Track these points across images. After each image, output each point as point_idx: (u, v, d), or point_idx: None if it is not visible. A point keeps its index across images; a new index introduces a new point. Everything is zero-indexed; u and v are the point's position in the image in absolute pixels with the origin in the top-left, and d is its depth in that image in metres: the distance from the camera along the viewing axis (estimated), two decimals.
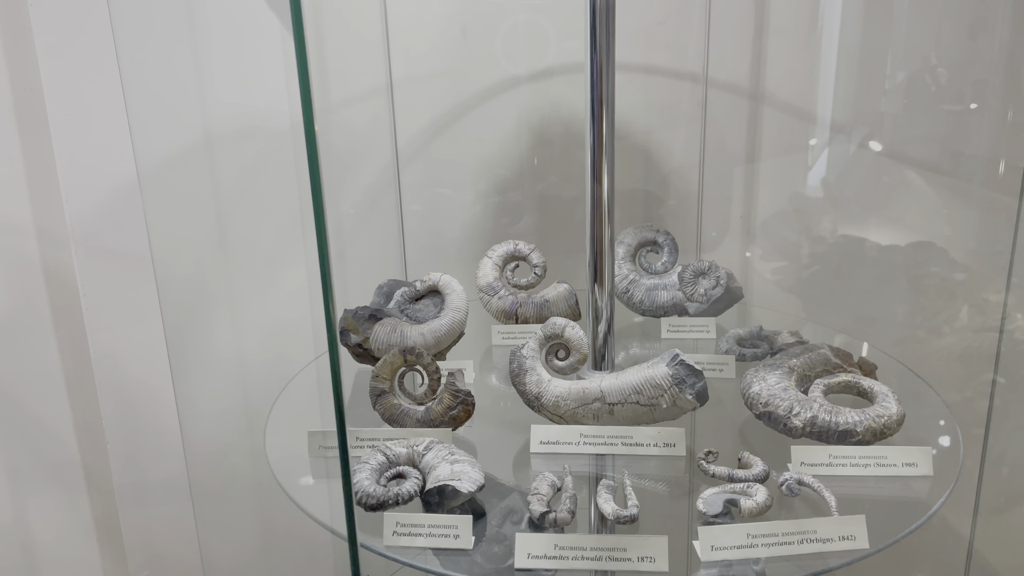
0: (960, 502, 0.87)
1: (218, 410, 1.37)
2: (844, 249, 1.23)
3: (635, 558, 0.62)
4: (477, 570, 0.63)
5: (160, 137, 1.23)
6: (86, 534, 1.45)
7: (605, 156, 0.84)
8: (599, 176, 0.83)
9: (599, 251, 0.89)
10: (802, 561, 0.63)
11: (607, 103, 0.83)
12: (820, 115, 1.28)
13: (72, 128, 1.21)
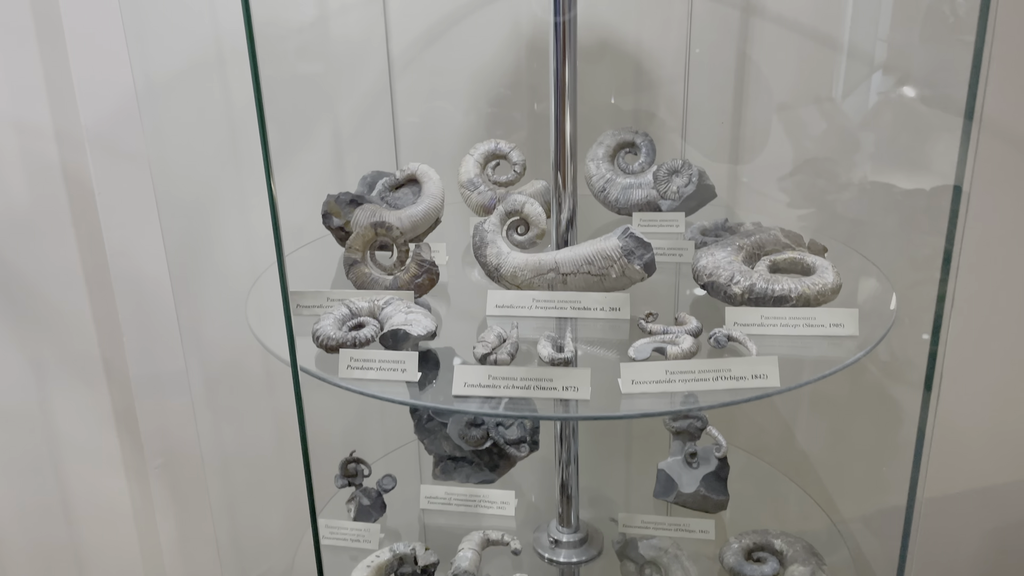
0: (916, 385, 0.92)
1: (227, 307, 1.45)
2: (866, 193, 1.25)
3: (560, 387, 0.69)
4: (416, 395, 0.70)
5: (175, 42, 1.30)
6: (106, 423, 1.57)
7: (568, 39, 0.89)
8: (562, 55, 0.88)
9: (561, 137, 0.94)
10: (717, 396, 0.69)
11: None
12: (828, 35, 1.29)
13: (86, 35, 1.29)
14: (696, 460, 1.16)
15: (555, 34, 0.88)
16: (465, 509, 1.15)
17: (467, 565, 1.02)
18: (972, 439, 1.57)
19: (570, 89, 0.92)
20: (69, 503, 1.61)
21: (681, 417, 1.17)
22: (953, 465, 1.60)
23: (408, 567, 1.05)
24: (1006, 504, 1.62)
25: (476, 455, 1.24)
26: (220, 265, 1.41)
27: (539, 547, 1.13)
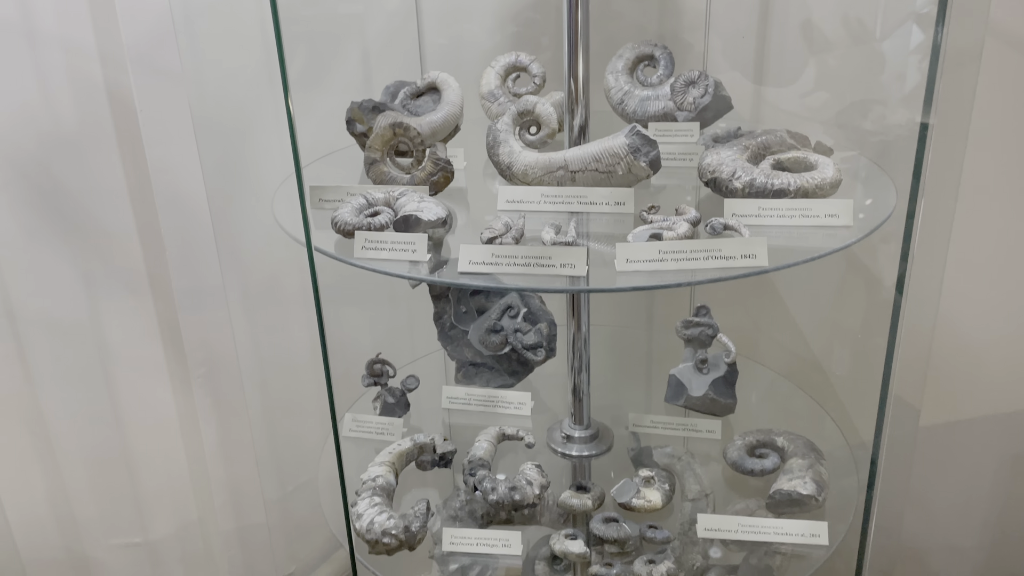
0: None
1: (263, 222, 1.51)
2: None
3: (558, 264, 0.74)
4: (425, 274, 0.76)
5: None
6: (151, 335, 1.67)
7: None
8: None
9: (574, 43, 0.97)
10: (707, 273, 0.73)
11: None
12: None
13: None
14: (706, 366, 1.20)
15: None
16: (484, 409, 1.22)
17: (482, 454, 1.09)
18: (994, 365, 1.59)
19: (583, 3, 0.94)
20: (119, 411, 1.73)
21: (693, 325, 1.21)
22: (973, 392, 1.61)
23: (427, 455, 1.13)
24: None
25: (496, 361, 1.30)
26: (255, 181, 1.47)
27: (552, 443, 1.19)
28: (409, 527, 0.97)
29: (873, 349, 0.90)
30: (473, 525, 1.04)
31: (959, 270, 1.45)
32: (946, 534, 1.75)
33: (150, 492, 1.79)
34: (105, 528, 1.82)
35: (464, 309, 1.31)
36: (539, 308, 1.28)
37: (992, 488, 1.71)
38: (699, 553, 1.34)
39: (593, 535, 1.00)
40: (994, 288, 1.51)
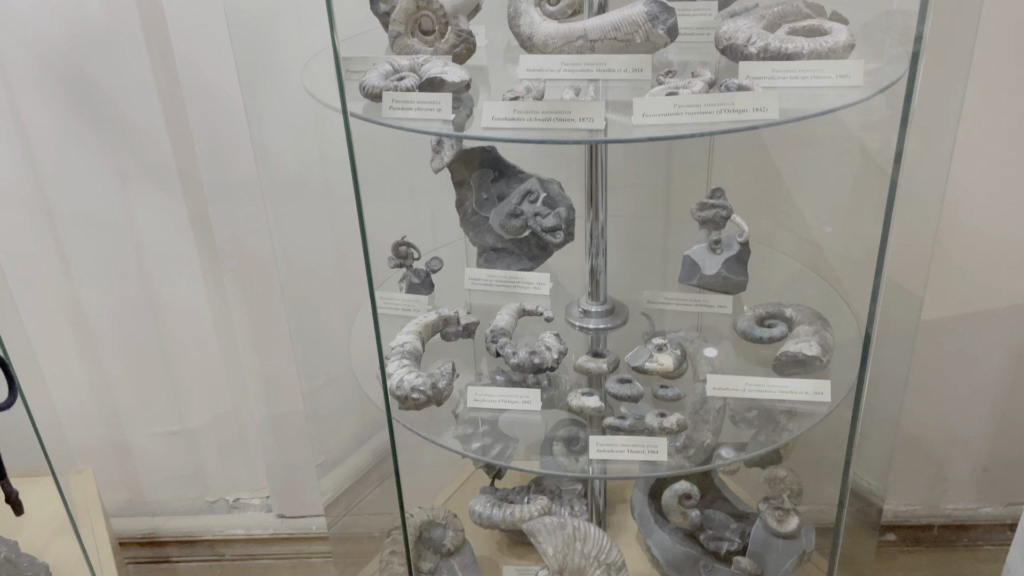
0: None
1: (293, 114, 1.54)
2: None
3: (576, 119, 0.77)
4: None
5: None
6: (183, 229, 1.73)
7: None
8: None
9: None
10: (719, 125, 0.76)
11: None
12: None
13: None
14: (720, 247, 1.24)
15: None
16: (504, 290, 1.27)
17: (504, 324, 1.14)
18: (1001, 257, 1.61)
19: None
20: (154, 303, 1.80)
21: (708, 207, 1.25)
22: (980, 283, 1.65)
23: (452, 327, 1.19)
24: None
25: (516, 246, 1.35)
26: (280, 75, 1.50)
27: (569, 317, 1.25)
28: (436, 384, 1.04)
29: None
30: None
31: (968, 160, 1.47)
32: (949, 424, 1.81)
33: (186, 382, 1.88)
34: (145, 416, 1.92)
35: (485, 196, 1.35)
36: (558, 193, 1.32)
37: (996, 379, 1.76)
38: (710, 431, 1.41)
39: (608, 393, 1.06)
40: (1002, 178, 1.53)
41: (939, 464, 1.86)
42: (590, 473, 0.99)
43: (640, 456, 0.96)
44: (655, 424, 1.00)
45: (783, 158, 1.52)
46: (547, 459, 1.68)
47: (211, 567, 1.91)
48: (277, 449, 1.90)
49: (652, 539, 1.51)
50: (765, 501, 1.41)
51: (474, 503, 1.50)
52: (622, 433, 0.98)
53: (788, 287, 1.26)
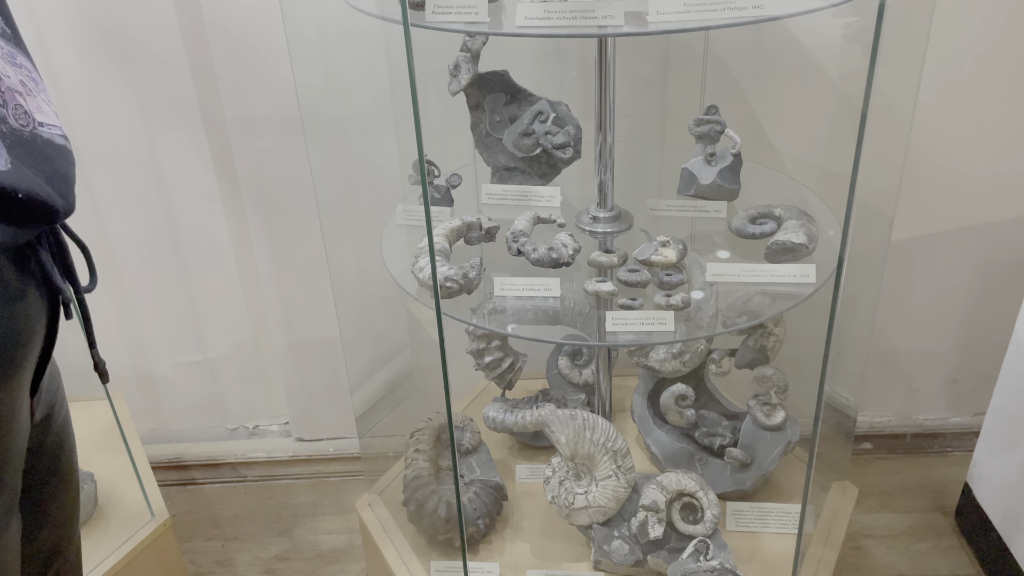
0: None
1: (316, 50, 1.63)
2: None
3: (600, 16, 0.89)
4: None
5: None
6: (204, 163, 1.82)
7: None
8: None
9: None
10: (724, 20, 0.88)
11: None
12: None
13: None
14: (715, 159, 1.37)
15: None
16: (519, 203, 1.39)
17: (522, 227, 1.27)
18: (970, 180, 1.76)
19: None
20: (177, 237, 1.90)
21: (704, 123, 1.37)
22: (950, 205, 1.79)
23: (475, 232, 1.31)
24: (1001, 241, 1.83)
25: (527, 164, 1.46)
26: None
27: (580, 224, 1.37)
28: (467, 275, 1.16)
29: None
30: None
31: (934, 87, 1.61)
32: (921, 338, 1.97)
33: (208, 313, 1.99)
34: (168, 347, 2.02)
35: (498, 118, 1.46)
36: (566, 114, 1.43)
37: (963, 296, 1.92)
38: (704, 338, 1.55)
39: (619, 280, 1.19)
40: (968, 105, 1.67)
41: (911, 377, 2.02)
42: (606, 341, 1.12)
43: (650, 327, 1.09)
44: (663, 302, 1.13)
45: (763, 89, 1.65)
46: (552, 374, 1.81)
47: (235, 487, 2.03)
48: (296, 375, 2.02)
49: (651, 438, 1.65)
50: (754, 398, 1.55)
51: (487, 409, 1.63)
52: (633, 310, 1.11)
53: (777, 195, 1.40)
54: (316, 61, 1.62)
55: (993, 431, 1.66)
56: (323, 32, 1.57)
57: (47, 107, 0.70)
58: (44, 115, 0.69)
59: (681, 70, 1.66)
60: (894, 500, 1.91)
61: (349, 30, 1.53)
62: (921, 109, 1.60)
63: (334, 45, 1.60)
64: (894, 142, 1.48)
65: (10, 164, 0.61)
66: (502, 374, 1.61)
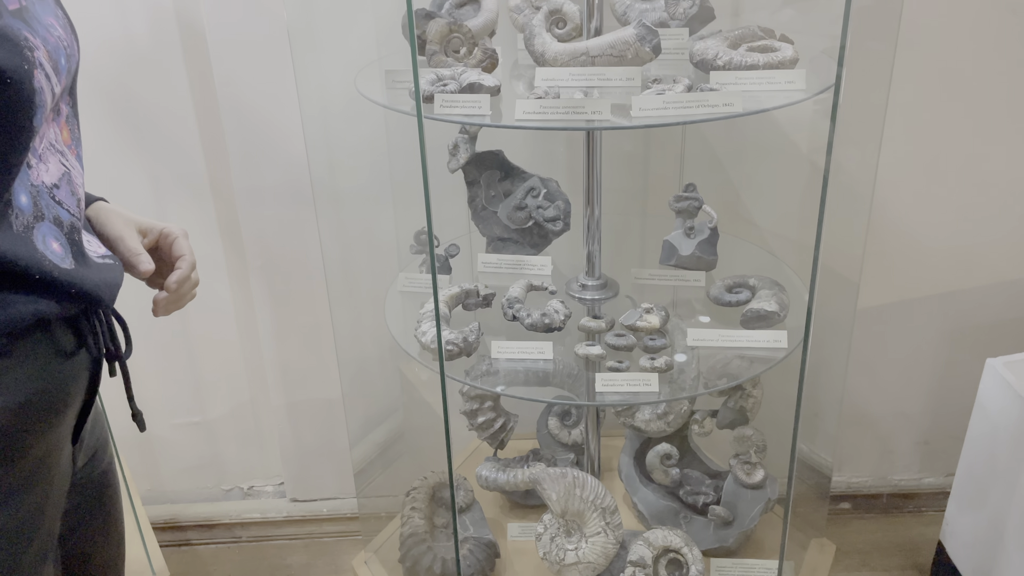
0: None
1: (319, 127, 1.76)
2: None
3: (588, 112, 1.01)
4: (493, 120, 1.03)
5: None
6: (211, 232, 1.93)
7: None
8: None
9: None
10: (697, 115, 1.01)
11: None
12: None
13: None
14: (693, 232, 1.49)
15: None
16: (512, 271, 1.50)
17: (517, 294, 1.37)
18: (935, 251, 1.90)
19: None
20: None
21: (683, 199, 1.50)
22: (914, 274, 1.93)
23: (472, 299, 1.41)
24: (962, 309, 1.96)
25: (520, 235, 1.58)
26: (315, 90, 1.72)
27: (570, 291, 1.48)
28: (467, 338, 1.26)
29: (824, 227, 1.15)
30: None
31: (894, 161, 1.76)
32: (892, 400, 2.08)
33: (208, 375, 2.07)
34: (168, 408, 2.09)
35: (493, 193, 1.58)
36: (556, 190, 1.56)
37: (932, 359, 2.04)
38: (687, 399, 1.65)
39: (607, 344, 1.29)
40: (926, 182, 1.82)
41: (885, 438, 2.12)
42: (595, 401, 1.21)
43: (636, 388, 1.19)
44: (647, 365, 1.23)
45: (739, 164, 1.79)
46: (543, 434, 1.89)
47: (229, 548, 2.07)
48: (292, 436, 2.08)
49: (637, 496, 1.73)
50: (735, 457, 1.64)
51: (480, 468, 1.71)
52: (620, 372, 1.21)
53: (751, 266, 1.52)
54: (321, 138, 1.75)
55: (962, 490, 1.75)
56: (328, 111, 1.70)
57: (92, 237, 0.88)
58: (91, 246, 0.86)
59: (662, 147, 1.80)
60: (872, 558, 1.99)
61: (353, 111, 1.66)
62: (882, 184, 1.75)
63: (338, 124, 1.73)
64: (857, 214, 1.61)
65: (74, 265, 0.79)
66: (494, 434, 1.70)
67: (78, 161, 0.85)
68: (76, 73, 0.83)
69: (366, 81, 1.32)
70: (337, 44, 1.68)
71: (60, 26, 0.78)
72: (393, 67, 1.25)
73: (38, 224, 0.74)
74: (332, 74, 1.66)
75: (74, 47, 0.80)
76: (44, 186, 0.76)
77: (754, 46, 1.20)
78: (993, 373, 1.58)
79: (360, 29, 1.71)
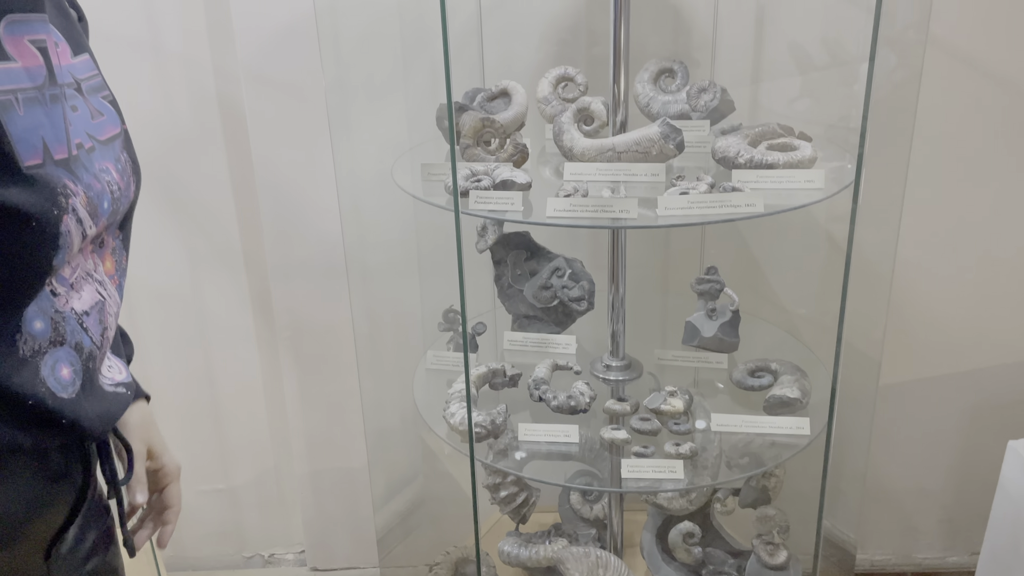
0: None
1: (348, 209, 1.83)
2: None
3: (617, 211, 1.07)
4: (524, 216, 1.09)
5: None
6: (243, 303, 1.99)
7: None
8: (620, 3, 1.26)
9: (617, 57, 1.31)
10: (721, 215, 1.06)
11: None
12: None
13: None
14: (715, 314, 1.53)
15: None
16: (537, 350, 1.54)
17: (542, 375, 1.41)
18: (955, 330, 1.92)
19: (625, 22, 1.29)
20: (211, 371, 2.05)
21: (705, 282, 1.55)
22: (934, 352, 1.95)
23: (499, 378, 1.45)
24: (984, 386, 1.98)
25: (545, 313, 1.63)
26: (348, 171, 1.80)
27: (594, 371, 1.52)
28: (495, 420, 1.30)
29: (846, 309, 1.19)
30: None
31: (912, 238, 1.80)
32: (914, 477, 2.08)
33: (233, 443, 2.11)
34: (192, 474, 2.13)
35: (519, 272, 1.64)
36: (581, 270, 1.61)
37: (954, 436, 2.05)
38: (709, 475, 1.67)
39: (632, 428, 1.32)
40: (946, 254, 1.86)
41: (908, 516, 2.11)
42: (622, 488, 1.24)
43: (662, 475, 1.22)
44: (672, 451, 1.26)
45: (760, 245, 1.84)
46: (565, 508, 1.91)
47: None
48: (315, 504, 2.11)
49: (660, 575, 1.73)
50: (758, 537, 1.65)
51: (503, 544, 1.72)
52: (646, 458, 1.24)
53: (772, 348, 1.55)
54: (352, 215, 1.82)
55: (987, 572, 1.75)
56: (360, 190, 1.78)
57: (115, 361, 0.88)
58: (110, 372, 0.86)
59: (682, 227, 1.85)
60: None
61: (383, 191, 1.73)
62: (902, 263, 1.79)
63: (368, 202, 1.80)
64: (878, 292, 1.65)
65: (77, 394, 0.78)
66: (516, 508, 1.71)
67: (117, 291, 0.86)
68: (130, 210, 0.85)
69: (400, 169, 1.39)
70: (371, 128, 1.77)
71: (116, 170, 0.80)
72: (428, 160, 1.31)
73: (53, 349, 0.75)
74: (364, 156, 1.74)
75: (129, 189, 0.82)
76: (73, 313, 0.77)
77: (774, 144, 1.26)
78: (1015, 456, 1.59)
79: (392, 114, 1.79)
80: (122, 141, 0.84)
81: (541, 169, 1.45)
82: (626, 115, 1.37)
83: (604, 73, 1.35)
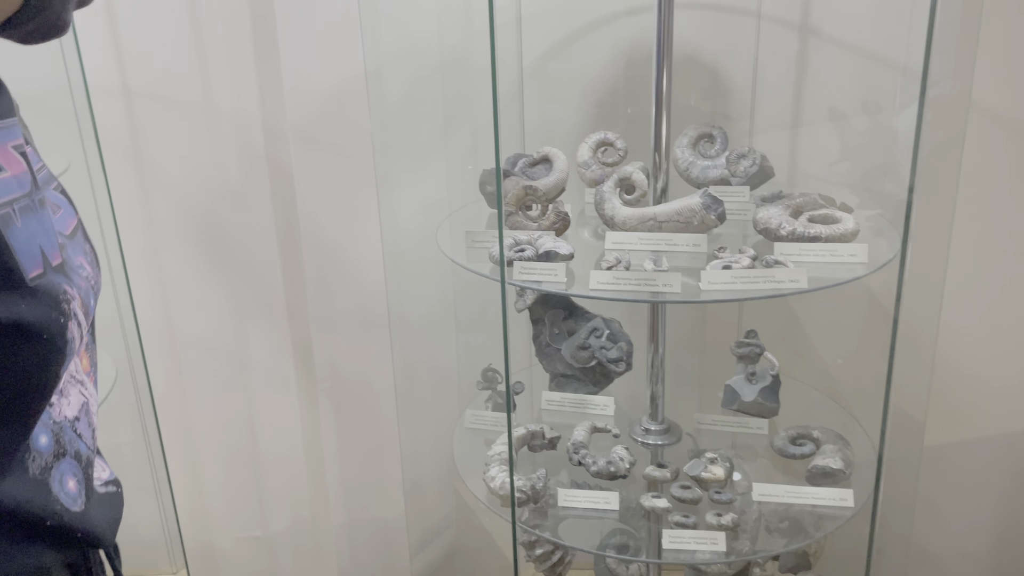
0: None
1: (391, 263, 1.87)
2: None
3: (660, 284, 1.08)
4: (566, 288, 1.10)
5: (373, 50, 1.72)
6: (285, 353, 2.03)
7: (665, 55, 1.28)
8: (661, 69, 1.28)
9: (659, 128, 1.34)
10: (764, 291, 1.06)
11: (667, 32, 1.27)
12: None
13: (296, 42, 1.72)
14: (755, 378, 1.53)
15: (656, 51, 1.28)
16: (575, 410, 1.55)
17: (581, 438, 1.42)
18: (1000, 392, 1.89)
19: (666, 92, 1.31)
20: (252, 418, 2.08)
21: (745, 345, 1.54)
22: (981, 415, 1.92)
23: (538, 440, 1.46)
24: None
25: (582, 373, 1.63)
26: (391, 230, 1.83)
27: (633, 435, 1.52)
28: (535, 486, 1.30)
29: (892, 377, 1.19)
30: None
31: (957, 301, 1.78)
32: (957, 540, 2.03)
33: (272, 490, 2.13)
34: (231, 522, 2.16)
35: (557, 331, 1.65)
36: (619, 330, 1.62)
37: (999, 499, 2.00)
38: (748, 539, 1.65)
39: (673, 496, 1.32)
40: (991, 317, 1.83)
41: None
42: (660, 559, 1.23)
43: (704, 546, 1.21)
44: (714, 521, 1.25)
45: (800, 307, 1.83)
46: (600, 567, 1.90)
47: None
48: (349, 554, 2.11)
49: None
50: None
51: None
52: (688, 528, 1.24)
53: (812, 413, 1.54)
54: (393, 272, 1.85)
55: None
56: (399, 249, 1.81)
57: (102, 463, 0.86)
58: (98, 472, 0.83)
59: None
60: None
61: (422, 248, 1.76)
62: (945, 326, 1.76)
63: (407, 261, 1.83)
64: (922, 355, 1.63)
65: (84, 505, 0.75)
66: (552, 566, 1.71)
67: (95, 387, 0.84)
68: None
69: (442, 231, 1.42)
70: (412, 185, 1.80)
71: (88, 263, 0.76)
72: (470, 223, 1.34)
73: (58, 463, 0.72)
74: (406, 213, 1.78)
75: (99, 280, 0.79)
76: (67, 420, 0.74)
77: (815, 215, 1.26)
78: None
79: (433, 173, 1.83)
80: (82, 231, 0.80)
81: (581, 231, 1.47)
82: (667, 181, 1.38)
83: (641, 133, 1.37)
